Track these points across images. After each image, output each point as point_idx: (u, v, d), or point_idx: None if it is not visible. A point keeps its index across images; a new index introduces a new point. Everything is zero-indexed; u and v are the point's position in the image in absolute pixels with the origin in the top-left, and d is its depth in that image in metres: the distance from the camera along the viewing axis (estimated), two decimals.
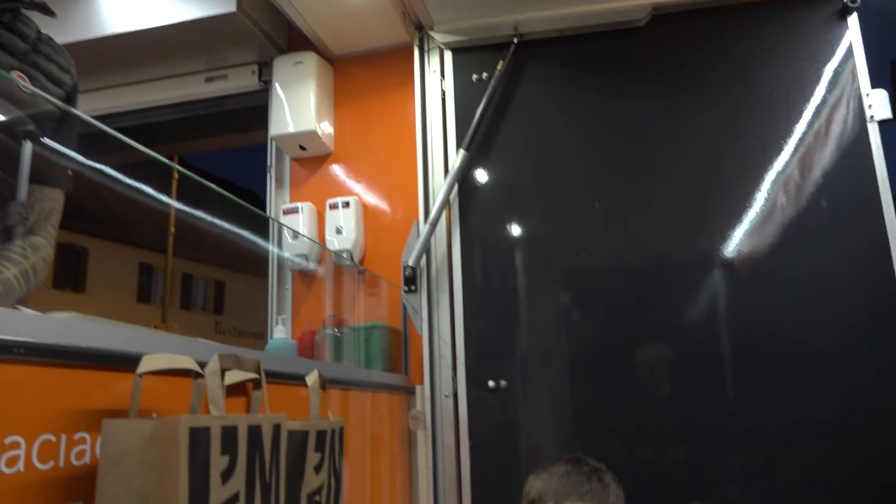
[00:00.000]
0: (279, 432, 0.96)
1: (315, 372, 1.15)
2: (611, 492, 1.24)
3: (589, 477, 1.24)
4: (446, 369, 2.04)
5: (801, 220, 1.86)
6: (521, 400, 1.96)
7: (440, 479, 1.99)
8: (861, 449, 1.69)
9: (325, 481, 1.12)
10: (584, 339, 1.97)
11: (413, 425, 2.03)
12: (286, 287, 2.34)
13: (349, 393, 1.73)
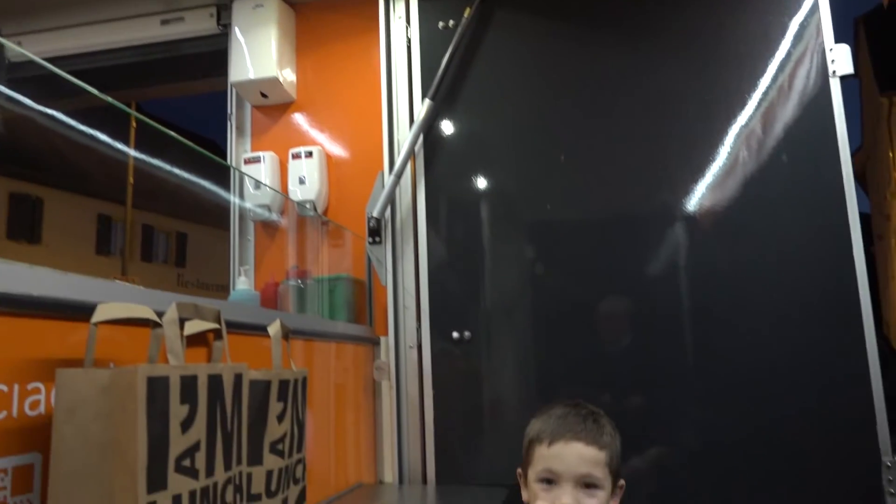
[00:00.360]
0: (240, 382, 0.96)
1: (277, 322, 1.14)
2: (605, 432, 1.28)
3: (584, 418, 1.29)
4: (410, 320, 2.05)
5: (762, 175, 1.89)
6: (484, 350, 1.99)
7: (404, 428, 2.01)
8: (814, 396, 1.75)
9: (287, 430, 1.12)
10: (547, 291, 1.99)
11: (377, 376, 2.04)
12: (248, 238, 2.31)
13: (313, 344, 1.73)
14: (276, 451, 1.08)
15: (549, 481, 1.25)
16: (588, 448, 1.24)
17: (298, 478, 1.18)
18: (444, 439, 1.96)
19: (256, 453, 1.04)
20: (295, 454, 1.17)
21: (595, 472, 1.23)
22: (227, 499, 0.91)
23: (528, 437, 1.32)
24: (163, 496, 0.77)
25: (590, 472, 1.22)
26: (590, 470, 1.23)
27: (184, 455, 0.81)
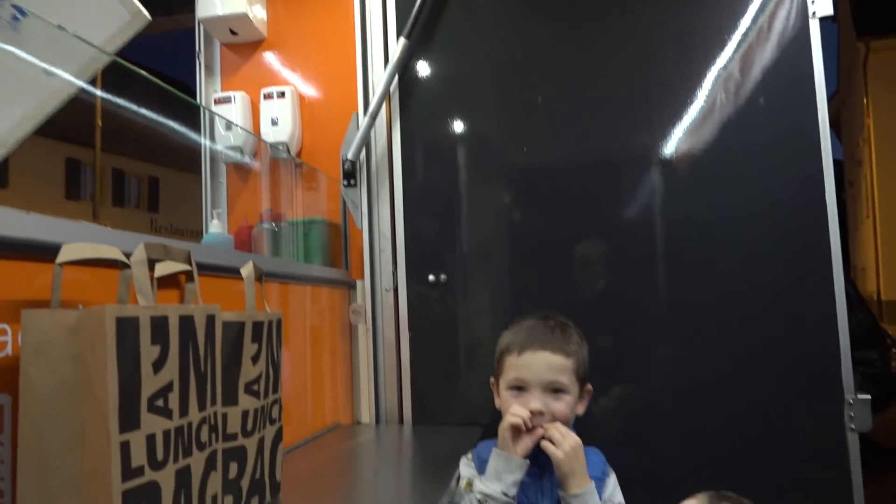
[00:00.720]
0: (213, 323, 0.95)
1: (250, 263, 1.13)
2: (572, 341, 1.37)
3: (552, 329, 1.37)
4: (387, 264, 2.04)
5: (738, 118, 1.88)
6: (460, 293, 1.99)
7: (380, 370, 2.03)
8: (782, 336, 1.79)
9: (262, 371, 1.12)
10: (523, 234, 1.99)
11: (354, 319, 2.05)
12: (220, 181, 2.27)
13: (288, 287, 1.72)
14: (251, 391, 1.08)
15: (519, 388, 1.33)
16: (555, 356, 1.32)
17: (275, 418, 1.19)
18: (420, 380, 1.99)
19: (231, 394, 1.04)
20: (271, 395, 1.17)
21: (561, 379, 1.32)
22: (203, 438, 0.91)
23: (500, 348, 1.41)
24: (136, 436, 0.77)
25: (557, 379, 1.31)
26: (556, 377, 1.31)
27: (156, 395, 0.80)
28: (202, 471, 0.91)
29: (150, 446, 0.79)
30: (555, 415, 1.31)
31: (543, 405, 1.30)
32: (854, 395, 1.74)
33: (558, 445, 1.25)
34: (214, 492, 0.95)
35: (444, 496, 1.29)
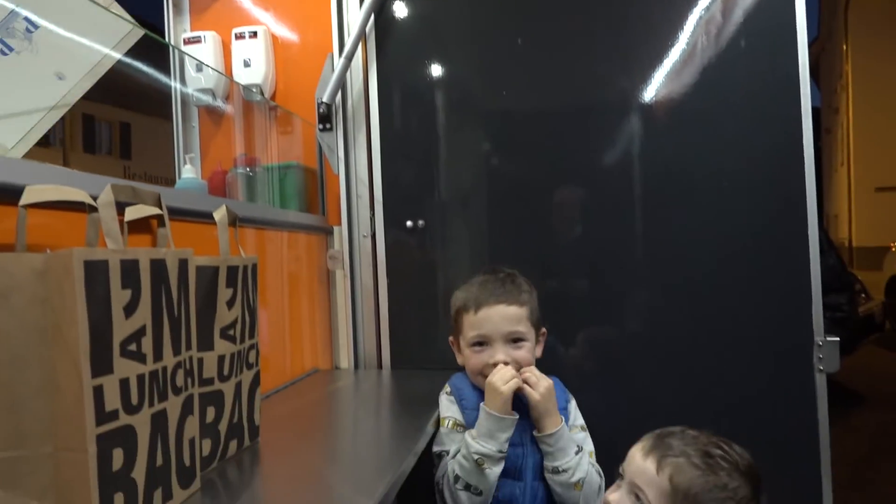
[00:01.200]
0: (186, 267, 0.93)
1: (223, 207, 1.11)
2: (524, 290, 1.45)
3: (503, 281, 1.45)
4: (364, 209, 2.02)
5: (719, 62, 1.86)
6: (438, 239, 1.99)
7: (359, 316, 2.03)
8: (756, 280, 1.81)
9: (238, 316, 1.11)
10: (502, 180, 1.97)
11: (331, 265, 2.04)
12: (192, 125, 2.21)
13: (264, 233, 1.71)
14: (227, 336, 1.08)
15: (481, 343, 1.40)
16: (510, 308, 1.40)
17: (252, 363, 1.19)
18: (398, 326, 1.99)
19: (207, 339, 1.04)
20: (247, 340, 1.16)
21: (520, 328, 1.40)
22: (178, 383, 0.91)
23: (455, 307, 1.47)
24: (109, 380, 0.76)
25: (515, 329, 1.39)
26: (515, 327, 1.39)
27: (129, 339, 0.79)
28: (179, 415, 0.91)
29: (123, 390, 0.78)
30: (519, 362, 1.38)
31: (507, 356, 1.37)
32: (823, 337, 1.78)
33: (535, 388, 1.32)
34: (192, 435, 0.95)
35: (421, 436, 1.31)
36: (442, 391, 1.49)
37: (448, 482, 1.33)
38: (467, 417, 1.40)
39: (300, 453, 1.23)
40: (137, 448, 0.81)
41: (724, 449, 1.05)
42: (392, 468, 1.07)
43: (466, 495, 1.29)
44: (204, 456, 1.03)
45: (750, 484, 1.02)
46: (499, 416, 1.29)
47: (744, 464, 1.04)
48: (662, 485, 1.01)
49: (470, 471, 1.29)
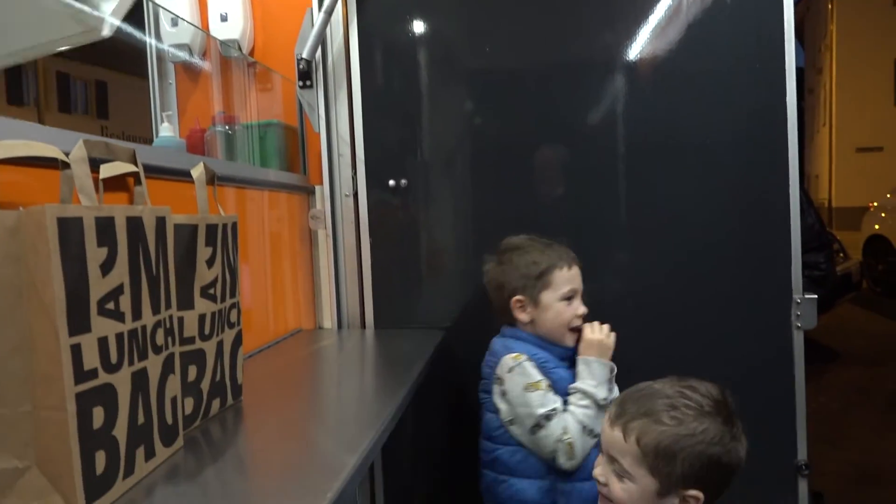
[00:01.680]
0: (164, 225, 0.92)
1: (200, 164, 1.09)
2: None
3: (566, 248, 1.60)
4: (346, 168, 2.00)
5: (704, 20, 1.84)
6: (421, 198, 1.97)
7: (342, 276, 2.03)
8: (737, 238, 1.83)
9: (218, 275, 1.10)
10: (485, 139, 1.95)
11: (313, 225, 2.02)
12: (169, 82, 2.16)
13: (245, 192, 1.68)
14: (207, 295, 1.07)
15: (570, 298, 1.55)
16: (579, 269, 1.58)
17: (233, 322, 1.18)
18: (381, 286, 1.99)
19: (187, 298, 1.03)
20: (228, 299, 1.16)
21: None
22: (158, 342, 0.90)
23: (540, 266, 1.56)
24: (87, 339, 0.75)
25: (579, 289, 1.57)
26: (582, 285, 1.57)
27: (106, 298, 0.78)
28: (159, 374, 0.90)
29: (102, 349, 0.77)
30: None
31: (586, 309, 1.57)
32: (801, 295, 1.80)
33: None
34: (174, 394, 0.95)
35: (404, 393, 1.32)
36: (507, 357, 1.53)
37: (576, 434, 1.43)
38: (551, 377, 1.51)
39: (283, 411, 1.23)
40: (118, 406, 0.80)
41: (687, 395, 1.05)
42: (376, 424, 1.08)
43: (591, 440, 1.44)
44: (186, 414, 1.03)
45: (718, 420, 1.03)
46: (610, 365, 1.51)
47: (709, 404, 1.04)
48: (632, 450, 1.02)
49: (594, 416, 1.45)
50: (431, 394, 1.86)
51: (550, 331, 1.56)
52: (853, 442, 3.75)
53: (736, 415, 1.06)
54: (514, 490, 1.50)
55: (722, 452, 1.02)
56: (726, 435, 1.02)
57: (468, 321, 1.92)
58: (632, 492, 1.03)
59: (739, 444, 1.04)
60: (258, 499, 0.86)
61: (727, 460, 1.02)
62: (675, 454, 1.00)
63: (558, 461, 1.44)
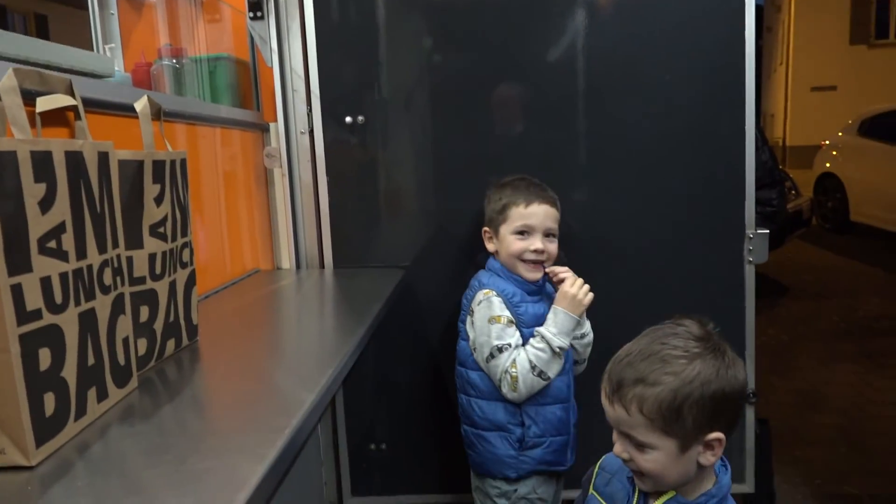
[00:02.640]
0: (107, 160, 0.88)
1: (144, 98, 1.04)
2: (556, 199, 1.66)
3: (542, 187, 1.66)
4: (301, 104, 1.94)
5: None
6: (380, 136, 1.93)
7: (299, 215, 1.99)
8: (694, 173, 1.85)
9: (168, 213, 1.07)
10: (444, 75, 1.91)
11: (268, 163, 1.97)
12: (111, 12, 2.04)
13: (195, 129, 1.63)
14: (157, 234, 1.04)
15: (523, 232, 1.61)
16: (552, 208, 1.63)
17: (186, 262, 1.16)
18: (340, 225, 1.96)
19: (135, 236, 1.00)
20: (179, 238, 1.13)
21: (554, 226, 1.64)
22: (106, 281, 0.87)
23: (502, 201, 1.65)
24: (28, 279, 0.72)
25: (552, 226, 1.63)
26: (552, 224, 1.63)
27: (47, 236, 0.75)
28: (109, 314, 0.88)
29: (45, 289, 0.75)
30: (550, 253, 1.63)
31: (543, 245, 1.61)
32: (754, 229, 1.84)
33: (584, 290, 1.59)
34: (125, 335, 0.93)
35: (363, 331, 1.31)
36: (480, 291, 1.63)
37: (522, 370, 1.54)
38: (515, 312, 1.60)
39: (242, 351, 1.22)
40: (66, 348, 0.78)
41: (670, 344, 1.01)
42: (334, 362, 1.08)
43: (538, 380, 1.54)
44: (140, 355, 1.01)
45: (708, 358, 1.00)
46: (577, 319, 1.57)
47: (693, 345, 1.01)
48: (639, 421, 0.99)
49: (547, 360, 1.54)
50: (393, 331, 1.87)
51: (506, 262, 1.65)
52: (799, 372, 3.92)
53: (722, 340, 1.04)
54: (484, 411, 1.63)
55: (722, 385, 0.99)
56: (721, 368, 1.00)
57: (429, 259, 1.92)
58: (657, 459, 1.00)
59: (735, 369, 1.01)
60: (216, 436, 0.86)
61: (730, 390, 0.99)
62: (679, 408, 0.97)
63: (502, 390, 1.57)
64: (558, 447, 1.63)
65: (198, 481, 0.71)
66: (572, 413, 1.67)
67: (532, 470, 1.61)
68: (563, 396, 1.63)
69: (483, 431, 1.63)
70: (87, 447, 0.79)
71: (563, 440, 1.64)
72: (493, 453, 1.62)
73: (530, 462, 1.60)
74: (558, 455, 1.63)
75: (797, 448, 3.02)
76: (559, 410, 1.62)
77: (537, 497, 1.63)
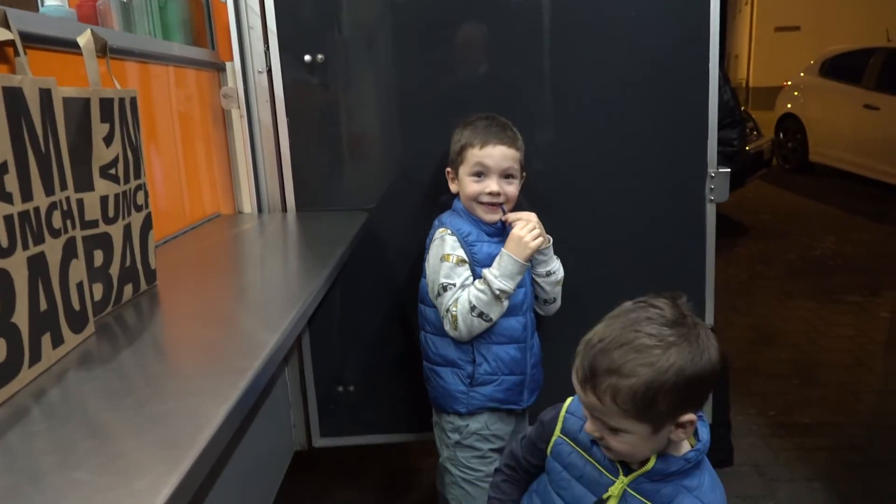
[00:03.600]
0: (50, 97, 0.84)
1: (87, 31, 0.98)
2: (518, 138, 1.65)
3: (504, 127, 1.63)
4: (257, 42, 1.87)
5: None
6: (341, 75, 1.88)
7: (259, 158, 1.94)
8: (655, 113, 1.84)
9: (119, 154, 1.03)
10: (406, 13, 1.85)
11: (226, 104, 1.91)
12: None
13: (147, 67, 1.56)
14: (108, 175, 1.00)
15: (480, 174, 1.60)
16: (509, 149, 1.60)
17: (140, 204, 1.13)
18: (302, 167, 1.92)
19: (85, 178, 0.96)
20: (133, 180, 1.09)
21: (513, 166, 1.62)
22: (55, 224, 0.84)
23: (460, 143, 1.64)
24: None
25: (510, 166, 1.61)
26: (510, 164, 1.61)
27: None
28: (60, 258, 0.86)
29: None
30: (507, 195, 1.61)
31: (499, 187, 1.60)
32: (716, 168, 1.86)
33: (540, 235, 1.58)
34: (79, 279, 0.91)
35: (327, 272, 1.31)
36: (437, 230, 1.65)
37: (462, 310, 1.55)
38: (470, 251, 1.61)
39: (203, 295, 1.21)
40: (15, 293, 0.76)
41: (643, 332, 0.97)
42: (297, 304, 1.07)
43: (478, 321, 1.55)
44: (96, 300, 0.99)
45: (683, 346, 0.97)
46: (523, 264, 1.55)
47: (668, 333, 0.97)
48: (613, 410, 0.97)
49: (487, 302, 1.53)
50: (358, 274, 1.87)
51: (464, 203, 1.66)
52: (756, 308, 4.04)
53: (694, 319, 1.00)
54: (437, 347, 1.67)
55: (697, 371, 0.97)
56: (695, 354, 0.97)
57: (392, 202, 1.90)
58: (629, 441, 1.00)
59: (709, 352, 0.99)
60: (177, 379, 0.85)
61: (703, 372, 0.97)
62: (654, 397, 0.95)
63: (445, 328, 1.60)
64: (511, 386, 1.65)
65: (160, 423, 0.71)
66: (529, 353, 1.68)
67: (483, 406, 1.64)
68: (518, 336, 1.64)
69: (436, 367, 1.67)
70: (44, 393, 0.78)
71: (517, 380, 1.66)
72: (445, 388, 1.65)
73: (480, 398, 1.63)
74: (511, 394, 1.66)
75: (754, 382, 3.13)
76: (513, 350, 1.64)
77: (490, 433, 1.66)
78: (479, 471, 1.67)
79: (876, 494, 2.29)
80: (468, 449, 1.67)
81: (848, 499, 2.26)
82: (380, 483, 2.49)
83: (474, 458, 1.67)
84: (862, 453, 2.53)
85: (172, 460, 0.61)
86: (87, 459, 0.63)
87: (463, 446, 1.67)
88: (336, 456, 2.49)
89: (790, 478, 2.41)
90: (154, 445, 0.66)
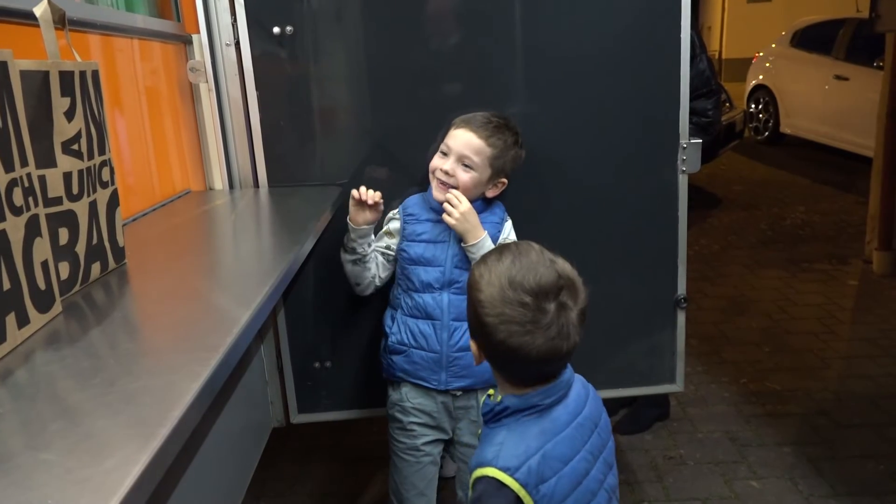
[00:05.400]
0: (6, 70, 0.81)
1: (44, 1, 0.95)
2: (502, 138, 1.64)
3: (489, 121, 1.65)
4: (224, 14, 1.82)
5: None
6: (311, 48, 1.84)
7: (229, 133, 1.91)
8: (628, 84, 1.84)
9: (82, 129, 1.00)
10: None
11: (193, 78, 1.87)
12: None
13: (110, 40, 1.52)
14: (70, 151, 0.98)
15: (445, 153, 1.66)
16: (476, 140, 1.62)
17: (106, 181, 1.10)
18: (273, 143, 1.89)
19: (46, 154, 0.93)
20: (97, 156, 1.06)
21: (474, 157, 1.62)
22: (16, 202, 0.82)
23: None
24: None
25: (468, 155, 1.62)
26: (469, 153, 1.62)
27: None
28: (23, 236, 0.83)
29: None
30: (459, 180, 1.63)
31: (452, 170, 1.63)
32: (688, 139, 1.87)
33: (450, 214, 1.61)
34: (44, 258, 0.88)
35: (300, 249, 1.30)
36: (395, 207, 1.78)
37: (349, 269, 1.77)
38: (405, 223, 1.72)
39: (174, 272, 1.19)
40: None
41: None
42: (270, 280, 1.06)
43: (348, 265, 1.77)
44: (63, 280, 0.97)
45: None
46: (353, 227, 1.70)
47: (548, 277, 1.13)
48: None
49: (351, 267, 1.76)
50: (333, 250, 1.85)
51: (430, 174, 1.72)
52: (728, 279, 4.10)
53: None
54: (384, 314, 1.82)
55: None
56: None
57: (366, 176, 1.88)
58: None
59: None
60: (148, 357, 0.84)
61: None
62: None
63: None
64: (420, 360, 1.68)
65: (130, 401, 0.70)
66: (446, 333, 1.66)
67: (398, 377, 1.73)
68: (431, 313, 1.67)
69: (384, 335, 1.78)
70: (10, 374, 0.76)
71: (429, 357, 1.67)
72: (381, 354, 1.79)
73: (394, 367, 1.72)
74: (422, 370, 1.69)
75: (725, 350, 3.19)
76: (424, 325, 1.68)
77: (412, 406, 1.72)
78: (403, 442, 1.75)
79: (842, 457, 2.36)
80: (391, 419, 1.78)
81: (817, 462, 2.33)
82: (358, 458, 2.51)
83: (397, 428, 1.76)
84: (829, 417, 2.60)
85: (142, 438, 0.61)
86: (56, 440, 0.62)
87: (390, 416, 1.78)
88: (314, 431, 2.49)
89: (761, 443, 2.47)
90: (124, 424, 0.65)
